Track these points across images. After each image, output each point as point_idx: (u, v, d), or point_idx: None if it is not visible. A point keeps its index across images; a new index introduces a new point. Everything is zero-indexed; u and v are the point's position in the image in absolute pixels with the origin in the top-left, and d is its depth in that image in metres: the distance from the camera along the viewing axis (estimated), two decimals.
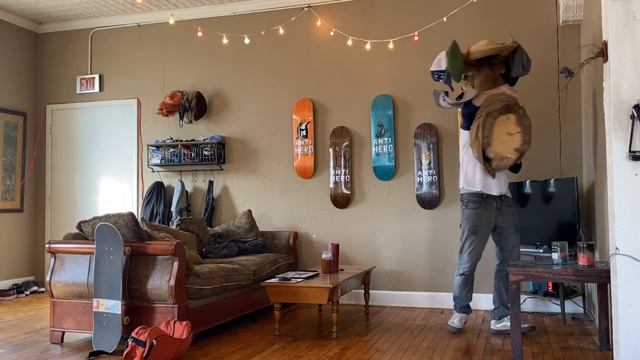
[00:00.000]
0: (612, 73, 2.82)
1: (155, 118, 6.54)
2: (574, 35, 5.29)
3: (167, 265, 3.95)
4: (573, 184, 4.62)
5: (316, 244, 5.93)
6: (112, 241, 3.94)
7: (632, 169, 2.78)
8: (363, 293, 5.54)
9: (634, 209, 2.76)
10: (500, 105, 4.05)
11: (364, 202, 5.82)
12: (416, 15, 5.73)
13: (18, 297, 6.33)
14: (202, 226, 5.53)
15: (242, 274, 4.74)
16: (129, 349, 3.52)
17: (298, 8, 6.11)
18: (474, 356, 3.71)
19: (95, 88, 6.80)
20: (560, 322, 4.71)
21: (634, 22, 2.79)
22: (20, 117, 6.88)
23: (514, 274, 3.49)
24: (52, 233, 6.88)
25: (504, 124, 4.02)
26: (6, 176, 6.68)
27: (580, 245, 3.54)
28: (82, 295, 4.15)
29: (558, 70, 5.25)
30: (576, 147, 5.24)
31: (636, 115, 2.74)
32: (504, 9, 5.51)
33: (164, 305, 3.94)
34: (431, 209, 5.57)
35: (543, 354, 3.75)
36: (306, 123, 5.99)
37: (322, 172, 5.96)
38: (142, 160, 6.59)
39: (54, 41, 7.05)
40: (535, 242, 4.89)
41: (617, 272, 2.79)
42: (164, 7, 6.45)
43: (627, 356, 2.75)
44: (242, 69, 6.31)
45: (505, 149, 4.03)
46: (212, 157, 6.14)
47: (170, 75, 6.57)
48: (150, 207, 6.30)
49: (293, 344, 4.09)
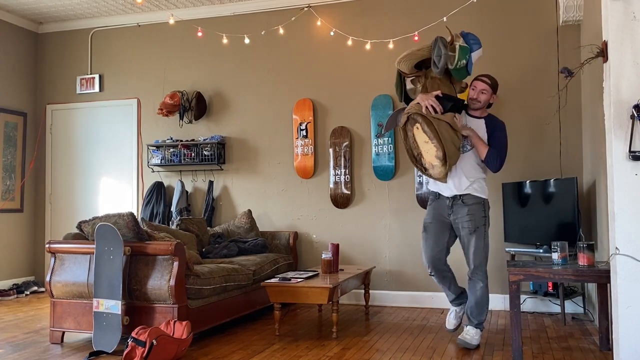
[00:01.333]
0: (612, 73, 2.82)
1: (155, 118, 6.54)
2: (574, 35, 5.29)
3: (167, 265, 3.95)
4: (573, 184, 4.62)
5: (316, 244, 5.93)
6: (112, 241, 3.94)
7: (632, 169, 2.78)
8: (363, 293, 5.53)
9: (634, 209, 2.76)
10: (405, 118, 3.90)
11: (364, 202, 5.82)
12: (416, 15, 5.73)
13: (18, 297, 6.33)
14: (202, 226, 5.53)
15: (242, 274, 4.74)
16: (129, 349, 3.52)
17: (298, 8, 6.11)
18: (474, 356, 3.71)
19: (95, 88, 6.80)
20: (560, 322, 4.71)
21: (634, 22, 2.79)
22: (20, 117, 6.88)
23: (513, 274, 3.49)
24: (52, 233, 6.88)
25: (419, 134, 3.85)
26: (6, 176, 6.68)
27: (580, 245, 3.54)
28: (82, 295, 4.15)
29: (558, 70, 5.25)
30: (576, 147, 5.24)
31: (636, 115, 2.74)
32: (504, 9, 5.51)
33: (164, 305, 3.94)
34: None
35: (543, 354, 3.75)
36: (306, 123, 5.99)
37: (322, 172, 5.96)
38: (142, 160, 6.59)
39: (54, 41, 7.05)
40: (535, 242, 4.89)
41: (617, 272, 2.79)
42: (164, 7, 6.45)
43: (627, 356, 2.75)
44: (242, 69, 6.31)
45: (430, 158, 3.85)
46: (212, 157, 6.14)
47: (170, 75, 6.57)
48: (150, 207, 6.30)
49: (293, 344, 4.09)
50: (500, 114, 5.45)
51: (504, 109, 5.45)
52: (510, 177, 5.38)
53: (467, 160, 3.98)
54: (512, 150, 5.41)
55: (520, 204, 5.06)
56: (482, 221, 3.96)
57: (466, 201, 3.97)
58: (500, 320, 4.84)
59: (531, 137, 5.37)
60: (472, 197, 3.97)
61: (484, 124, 4.03)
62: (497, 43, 5.51)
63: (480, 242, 3.95)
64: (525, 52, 5.42)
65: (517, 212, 5.08)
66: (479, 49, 3.91)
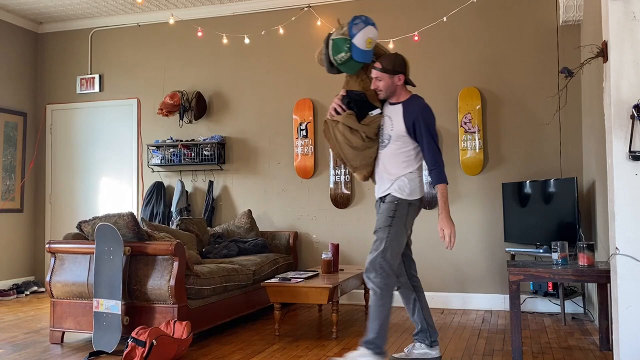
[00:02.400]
0: (612, 73, 2.82)
1: (155, 118, 6.54)
2: (574, 35, 5.29)
3: (167, 265, 3.95)
4: (573, 184, 4.62)
5: (316, 244, 5.93)
6: (112, 241, 3.94)
7: (632, 169, 2.78)
8: (363, 293, 5.53)
9: (634, 209, 2.76)
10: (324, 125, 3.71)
11: (364, 202, 5.82)
12: (416, 15, 5.73)
13: (18, 297, 6.33)
14: (202, 226, 5.53)
15: (242, 274, 4.73)
16: (129, 349, 3.51)
17: (298, 8, 6.11)
18: (474, 356, 3.71)
19: (95, 88, 6.80)
20: (560, 322, 4.71)
21: (634, 22, 2.79)
22: (20, 117, 6.88)
23: (513, 274, 3.49)
24: (52, 233, 6.88)
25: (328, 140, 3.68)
26: (6, 176, 6.68)
27: (580, 245, 3.54)
28: (82, 295, 4.15)
29: (558, 70, 5.26)
30: (576, 147, 5.24)
31: (636, 115, 2.74)
32: (503, 9, 5.51)
33: (164, 305, 3.93)
34: (431, 209, 5.56)
35: (543, 354, 3.75)
36: (306, 123, 5.99)
37: (322, 172, 5.96)
38: (142, 160, 6.59)
39: (54, 41, 7.05)
40: (535, 242, 4.89)
41: (617, 272, 2.79)
42: (164, 7, 6.45)
43: (627, 356, 2.75)
44: (242, 69, 6.31)
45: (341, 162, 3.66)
46: (212, 157, 6.14)
47: (170, 75, 6.57)
48: (150, 207, 6.30)
49: (293, 344, 4.09)
50: (500, 113, 5.46)
51: (504, 109, 5.45)
52: (510, 177, 5.38)
53: (386, 156, 3.48)
54: (512, 150, 5.41)
55: (520, 204, 5.06)
56: (386, 222, 3.37)
57: (385, 200, 3.47)
58: (500, 320, 4.84)
59: (531, 137, 5.37)
60: (390, 197, 3.43)
61: (401, 109, 3.46)
62: (497, 43, 5.51)
63: (380, 245, 3.33)
64: (525, 52, 5.42)
65: (517, 212, 5.08)
66: (364, 28, 3.43)
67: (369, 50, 3.49)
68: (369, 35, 3.44)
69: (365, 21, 3.45)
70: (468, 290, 5.44)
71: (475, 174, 5.47)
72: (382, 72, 3.48)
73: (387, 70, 3.47)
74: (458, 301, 5.45)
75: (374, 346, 3.31)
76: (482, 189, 5.47)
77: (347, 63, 3.52)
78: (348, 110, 3.50)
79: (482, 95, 5.50)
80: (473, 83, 5.54)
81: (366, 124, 3.50)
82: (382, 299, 3.30)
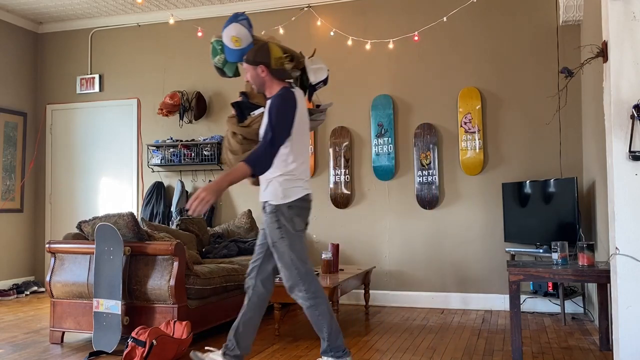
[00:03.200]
0: (612, 73, 2.82)
1: (155, 118, 6.54)
2: (574, 35, 5.29)
3: (167, 265, 3.95)
4: (573, 184, 4.62)
5: (316, 244, 5.93)
6: (112, 241, 3.94)
7: (632, 169, 2.78)
8: (363, 293, 5.53)
9: (634, 209, 2.76)
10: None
11: (364, 202, 5.82)
12: (416, 15, 5.73)
13: (18, 297, 6.33)
14: (202, 226, 5.53)
15: (242, 274, 4.73)
16: (129, 349, 3.51)
17: (298, 8, 6.11)
18: (474, 356, 3.71)
19: (95, 88, 6.80)
20: (560, 322, 4.71)
21: (634, 22, 2.79)
22: (20, 117, 6.88)
23: (513, 274, 3.49)
24: (52, 233, 6.88)
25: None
26: (6, 176, 6.68)
27: (580, 245, 3.54)
28: (82, 295, 4.15)
29: (558, 70, 5.26)
30: (576, 147, 5.24)
31: (636, 115, 2.74)
32: (504, 9, 5.51)
33: (164, 305, 3.93)
34: (431, 209, 5.57)
35: (543, 354, 3.75)
36: None
37: (322, 172, 5.96)
38: (142, 160, 6.59)
39: (54, 41, 7.05)
40: (535, 242, 4.89)
41: (617, 272, 2.79)
42: (164, 7, 6.44)
43: (627, 356, 2.75)
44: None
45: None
46: (212, 157, 6.14)
47: (170, 75, 6.57)
48: (150, 207, 6.30)
49: (293, 344, 4.09)
50: (500, 113, 5.46)
51: (504, 109, 5.45)
52: (510, 177, 5.38)
53: None
54: (512, 150, 5.41)
55: (520, 204, 5.06)
56: (277, 235, 3.16)
57: (266, 209, 3.28)
58: (500, 320, 4.84)
59: (531, 137, 5.37)
60: (268, 205, 3.25)
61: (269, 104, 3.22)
62: (497, 43, 5.51)
63: (284, 258, 3.14)
64: (525, 52, 5.42)
65: (517, 212, 5.08)
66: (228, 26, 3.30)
67: (239, 48, 3.31)
68: (232, 33, 3.28)
69: (233, 19, 3.29)
70: (468, 290, 5.44)
71: (475, 174, 5.47)
72: (246, 63, 3.30)
73: (249, 61, 3.28)
74: (458, 301, 5.45)
75: (334, 351, 3.21)
76: (482, 189, 5.47)
77: (226, 65, 3.41)
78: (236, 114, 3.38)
79: (482, 95, 5.50)
80: (473, 83, 5.54)
81: (246, 126, 3.34)
82: (318, 308, 3.15)
